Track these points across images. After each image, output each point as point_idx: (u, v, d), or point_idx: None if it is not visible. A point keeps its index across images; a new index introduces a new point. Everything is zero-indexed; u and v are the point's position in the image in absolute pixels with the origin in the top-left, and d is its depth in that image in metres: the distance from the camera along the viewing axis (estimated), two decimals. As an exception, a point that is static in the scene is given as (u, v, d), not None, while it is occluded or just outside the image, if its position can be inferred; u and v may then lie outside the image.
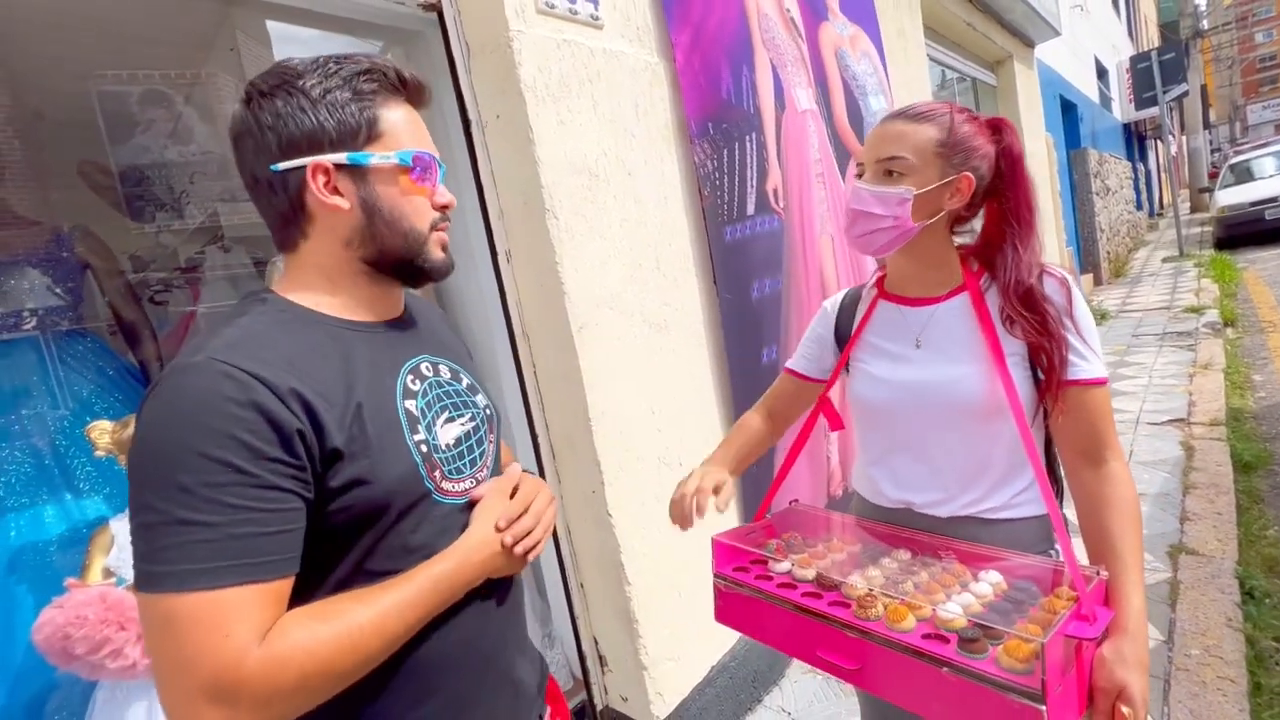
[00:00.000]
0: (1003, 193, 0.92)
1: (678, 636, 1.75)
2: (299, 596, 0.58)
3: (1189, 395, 4.03)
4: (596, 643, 1.74)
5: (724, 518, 1.97)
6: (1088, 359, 0.86)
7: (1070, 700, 0.69)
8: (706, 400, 1.96)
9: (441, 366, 0.75)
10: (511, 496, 0.74)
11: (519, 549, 0.71)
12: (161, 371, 0.57)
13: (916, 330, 0.97)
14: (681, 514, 1.00)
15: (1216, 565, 2.28)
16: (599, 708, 1.75)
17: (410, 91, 0.71)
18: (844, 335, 1.07)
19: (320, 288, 0.68)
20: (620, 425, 1.65)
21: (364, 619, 0.57)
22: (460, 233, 1.67)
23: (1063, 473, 0.94)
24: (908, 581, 0.84)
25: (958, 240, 0.99)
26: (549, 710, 0.83)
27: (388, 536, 0.63)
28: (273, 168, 0.64)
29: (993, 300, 0.92)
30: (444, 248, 0.73)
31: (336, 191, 0.66)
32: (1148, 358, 5.05)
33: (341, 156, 0.65)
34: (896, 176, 0.89)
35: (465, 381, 0.78)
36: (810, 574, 0.89)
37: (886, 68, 3.13)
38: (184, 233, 3.18)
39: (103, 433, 1.47)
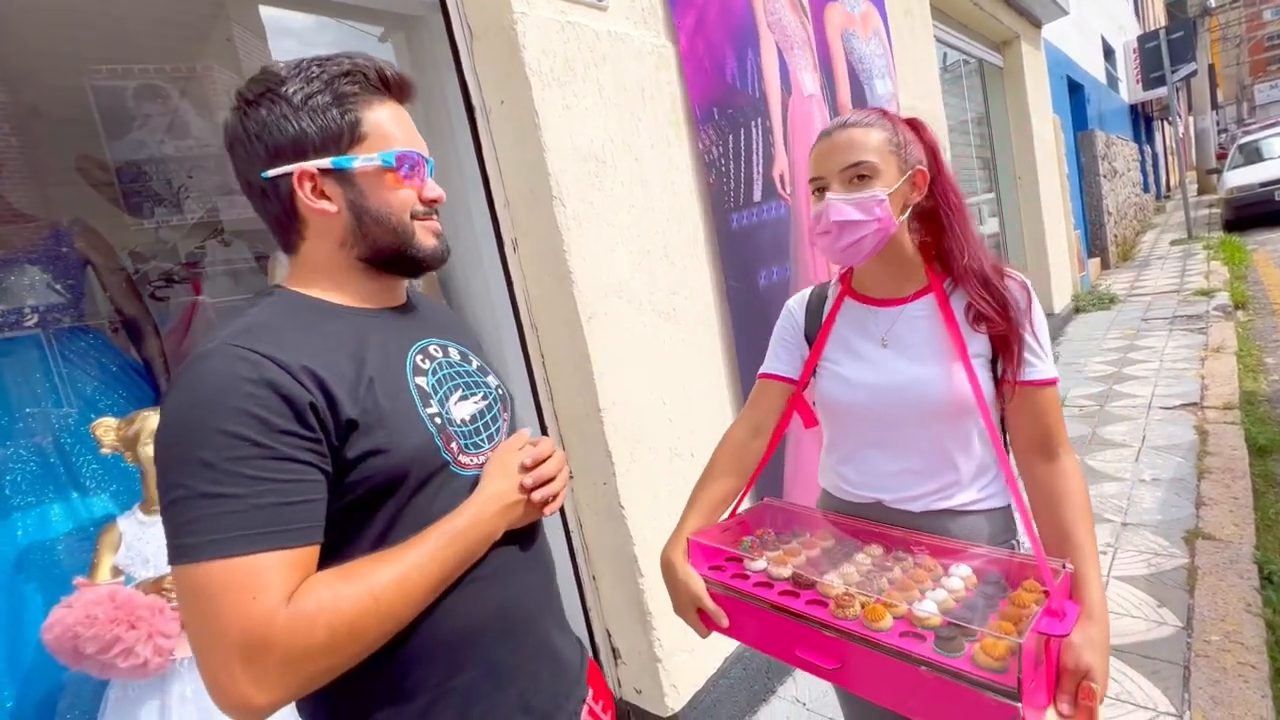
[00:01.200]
0: (932, 183, 0.96)
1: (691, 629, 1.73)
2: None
3: (1201, 379, 3.99)
4: (610, 635, 1.72)
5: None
6: (1041, 360, 0.92)
7: (1040, 690, 0.72)
8: (717, 390, 1.93)
9: (450, 349, 0.78)
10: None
11: (538, 495, 0.73)
12: (172, 365, 0.58)
13: (883, 330, 0.98)
14: (699, 622, 0.97)
15: (1234, 550, 2.25)
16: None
17: (393, 89, 0.71)
18: (812, 335, 1.06)
19: (324, 284, 0.71)
20: (631, 416, 1.62)
21: (386, 577, 0.60)
22: (466, 221, 1.64)
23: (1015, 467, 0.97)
24: (883, 578, 0.85)
25: None
26: (591, 692, 0.83)
27: (408, 508, 0.65)
28: (263, 175, 0.67)
29: (957, 302, 0.94)
30: (436, 235, 0.74)
31: (324, 195, 0.68)
32: (1158, 341, 5.00)
33: (326, 162, 0.67)
34: (865, 181, 0.91)
35: (475, 363, 0.81)
36: (786, 572, 0.89)
37: (893, 48, 3.07)
38: (183, 227, 3.16)
39: (108, 430, 1.46)
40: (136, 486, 1.53)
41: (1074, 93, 8.60)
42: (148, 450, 1.44)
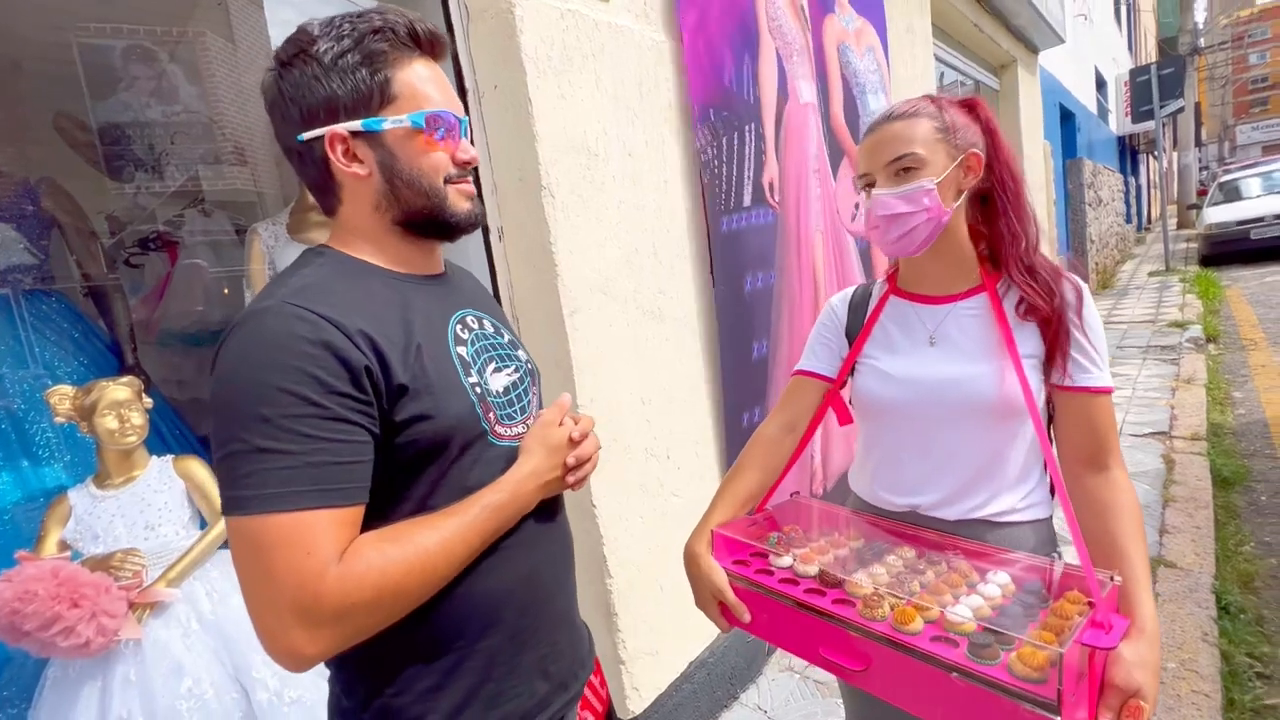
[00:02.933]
0: (989, 165, 0.93)
1: (657, 631, 1.72)
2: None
3: (1171, 409, 4.07)
4: (574, 635, 1.70)
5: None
6: (1098, 367, 0.88)
7: (1080, 705, 0.68)
8: (698, 393, 1.92)
9: (485, 321, 0.79)
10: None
11: (575, 475, 0.76)
12: (139, 334, 0.57)
13: (931, 327, 0.96)
14: (720, 616, 0.96)
15: (1194, 579, 2.29)
16: (573, 700, 1.72)
17: (424, 46, 0.70)
18: (854, 332, 1.04)
19: (365, 247, 0.71)
20: (609, 414, 1.60)
21: (431, 542, 0.62)
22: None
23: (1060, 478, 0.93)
24: (914, 581, 0.82)
25: None
26: (596, 679, 0.86)
27: (449, 474, 0.67)
28: (298, 138, 0.67)
29: (1010, 303, 0.91)
30: (469, 198, 0.73)
31: (356, 158, 0.67)
32: (1132, 370, 5.10)
33: (356, 124, 0.66)
34: (911, 173, 0.88)
35: (507, 337, 0.81)
36: (813, 570, 0.86)
37: (889, 64, 3.08)
38: (163, 194, 3.08)
39: (63, 398, 1.40)
40: (92, 458, 1.47)
41: (1065, 120, 8.74)
42: (106, 422, 1.39)
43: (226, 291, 2.87)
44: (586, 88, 1.57)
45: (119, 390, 1.42)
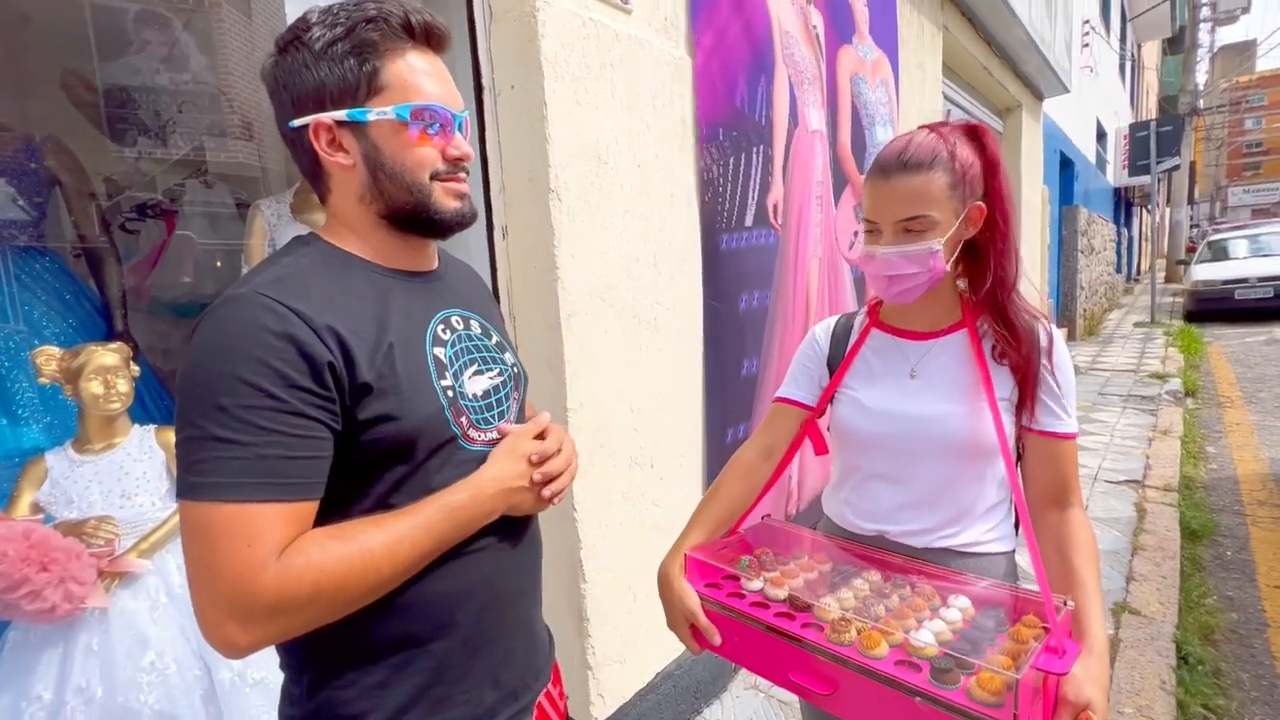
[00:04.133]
0: (985, 198, 0.92)
1: (627, 639, 1.72)
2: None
3: (1146, 458, 4.14)
4: (543, 637, 1.70)
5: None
6: (1066, 414, 0.93)
7: None
8: (686, 405, 1.93)
9: (472, 322, 0.77)
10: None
11: (547, 491, 0.74)
12: (131, 300, 0.58)
13: (912, 362, 0.98)
14: (691, 639, 0.96)
15: (1156, 627, 2.33)
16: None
17: (419, 37, 0.68)
18: (835, 363, 1.06)
19: (352, 239, 0.70)
20: (597, 419, 1.61)
21: (377, 542, 0.60)
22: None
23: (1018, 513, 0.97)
24: (880, 605, 0.84)
25: None
26: (555, 689, 0.86)
27: (413, 475, 0.66)
28: (290, 125, 0.66)
29: (988, 342, 0.94)
30: (458, 196, 0.71)
31: (340, 148, 0.67)
32: (1111, 417, 5.18)
33: (341, 114, 0.65)
34: (918, 234, 0.88)
35: (494, 339, 0.80)
36: (782, 594, 0.88)
37: (899, 98, 3.14)
38: (165, 162, 3.06)
39: (49, 359, 1.39)
40: (73, 422, 1.46)
41: (1064, 167, 8.91)
42: (91, 387, 1.38)
43: (219, 264, 2.85)
44: (602, 95, 1.59)
45: (107, 356, 1.41)
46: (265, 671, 1.39)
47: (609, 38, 1.60)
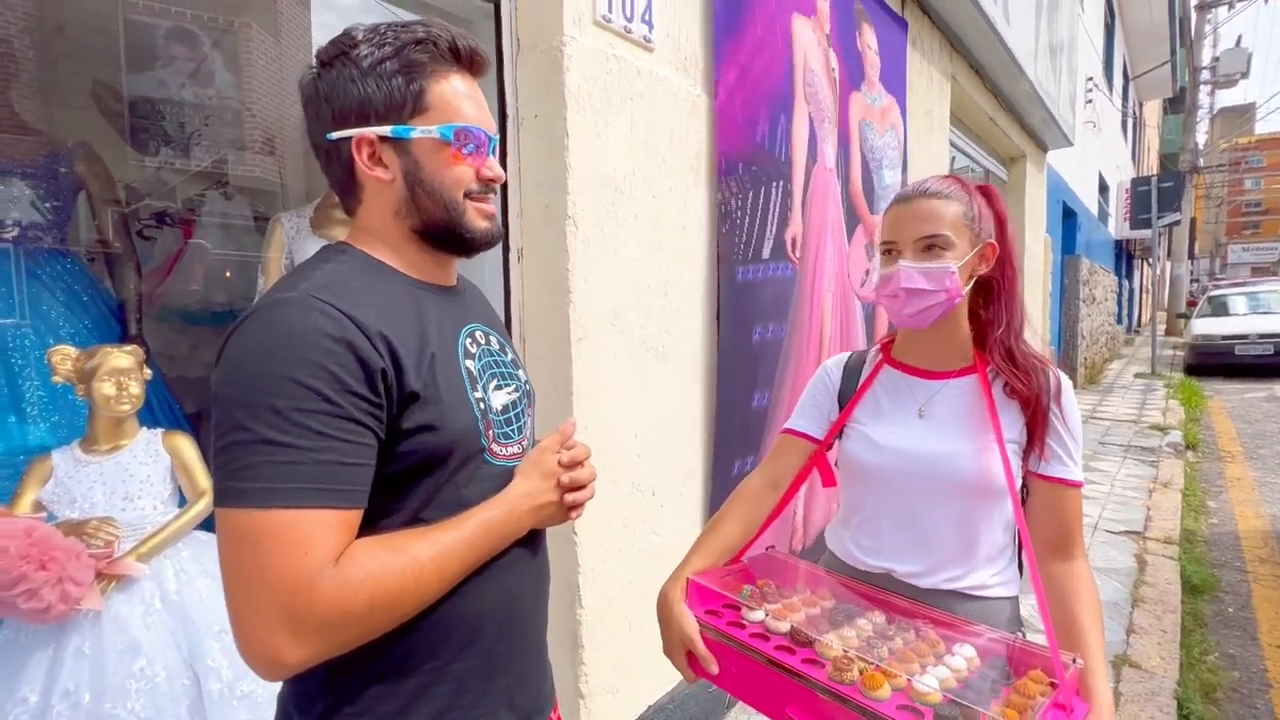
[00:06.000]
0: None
1: (621, 669, 1.69)
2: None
3: (1147, 510, 4.11)
4: (536, 663, 1.68)
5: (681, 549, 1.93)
6: (1073, 460, 0.93)
7: None
8: (690, 434, 1.94)
9: (491, 337, 0.79)
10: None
11: (570, 498, 0.75)
12: (146, 306, 0.59)
13: (921, 401, 0.99)
14: (687, 666, 0.95)
15: (1157, 683, 2.29)
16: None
17: (464, 62, 0.70)
18: (846, 397, 1.06)
19: (383, 249, 0.71)
20: (601, 444, 1.61)
21: (426, 555, 0.60)
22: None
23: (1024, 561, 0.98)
24: (883, 646, 0.83)
25: None
26: (554, 716, 0.84)
27: (444, 488, 0.66)
28: (328, 137, 0.67)
29: (998, 386, 0.95)
30: (488, 217, 0.73)
31: (380, 163, 0.68)
32: (1112, 466, 5.16)
33: (386, 129, 0.66)
34: (937, 252, 0.92)
35: (510, 356, 0.81)
36: (785, 627, 0.87)
37: (907, 143, 3.22)
38: (186, 173, 3.12)
39: (65, 358, 1.40)
40: (81, 422, 1.47)
41: (1067, 218, 9.05)
42: (102, 388, 1.39)
43: (229, 275, 2.88)
44: (621, 128, 1.63)
45: (121, 358, 1.42)
46: (254, 685, 1.36)
47: (631, 73, 1.66)
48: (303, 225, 1.94)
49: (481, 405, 0.70)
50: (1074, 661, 0.78)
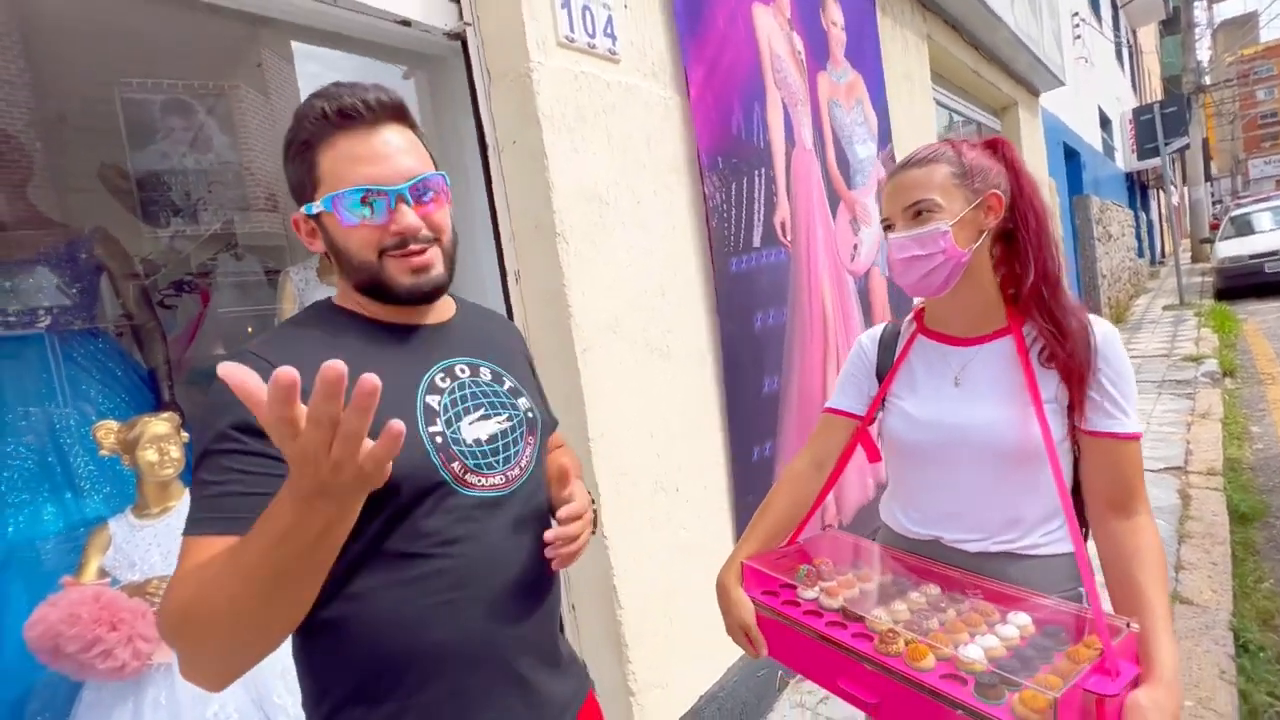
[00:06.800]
0: (1013, 203, 0.95)
1: (667, 663, 1.74)
2: None
3: (1186, 444, 4.04)
4: (586, 666, 1.73)
5: (720, 549, 1.96)
6: (1124, 413, 0.88)
7: None
8: (705, 427, 1.97)
9: (482, 369, 0.80)
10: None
11: (551, 552, 0.77)
12: (176, 373, 0.69)
13: (956, 369, 0.98)
14: (749, 645, 0.99)
15: (1211, 616, 2.27)
16: (584, 733, 1.73)
17: (339, 122, 0.69)
18: (883, 371, 1.07)
19: (350, 300, 0.77)
20: (619, 448, 1.66)
21: (218, 567, 0.57)
22: (470, 251, 1.70)
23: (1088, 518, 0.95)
24: (933, 618, 0.84)
25: None
26: None
27: (403, 521, 0.68)
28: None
29: (1035, 346, 0.93)
30: (413, 270, 0.72)
31: (315, 235, 0.74)
32: (1146, 404, 5.06)
33: (302, 210, 0.73)
34: (926, 216, 0.92)
35: (508, 384, 0.82)
36: (836, 604, 0.90)
37: (888, 111, 3.20)
38: (197, 238, 3.25)
39: (108, 432, 1.50)
40: (131, 490, 1.56)
41: (1070, 159, 8.87)
42: (147, 455, 1.48)
43: (250, 330, 2.99)
44: (598, 142, 1.68)
45: (159, 425, 1.51)
46: None
47: (600, 87, 1.70)
48: (310, 276, 2.03)
49: (439, 439, 0.71)
50: (1128, 626, 0.77)
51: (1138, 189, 16.09)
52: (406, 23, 1.51)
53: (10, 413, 1.66)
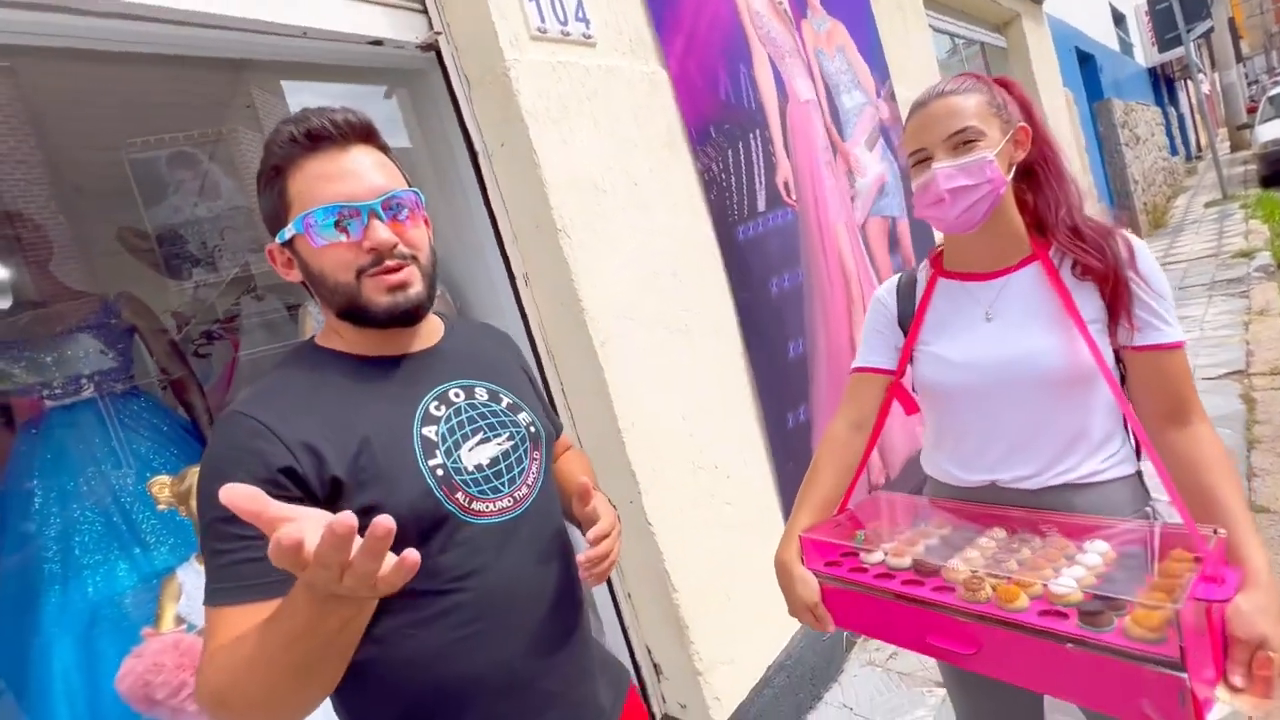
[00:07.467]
0: (1033, 139, 0.95)
1: (730, 639, 1.75)
2: None
3: (1246, 344, 3.84)
4: (650, 652, 1.75)
5: (768, 521, 1.94)
6: (1165, 322, 0.86)
7: (1205, 663, 0.67)
8: (736, 401, 1.96)
9: (478, 390, 0.78)
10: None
11: (584, 573, 0.77)
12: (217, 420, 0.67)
13: (985, 304, 0.95)
14: (816, 622, 0.97)
15: (1291, 522, 2.17)
16: (658, 716, 1.76)
17: (305, 144, 0.68)
18: (906, 320, 1.03)
19: (335, 338, 0.75)
20: (651, 434, 1.66)
21: (241, 656, 0.58)
22: (478, 259, 1.71)
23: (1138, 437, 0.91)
24: (1010, 560, 0.81)
25: None
26: None
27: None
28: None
29: (1065, 268, 0.90)
30: (390, 289, 0.70)
31: (290, 265, 0.73)
32: (1197, 309, 4.84)
33: (275, 238, 0.72)
34: (971, 146, 0.88)
35: (505, 401, 0.80)
36: (906, 562, 0.87)
37: (882, 48, 3.07)
38: (219, 285, 3.34)
39: (162, 487, 1.56)
40: (192, 538, 1.62)
41: (1084, 63, 8.41)
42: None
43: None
44: (585, 130, 1.65)
45: (208, 473, 1.56)
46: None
47: (580, 74, 1.67)
48: (328, 308, 2.06)
49: (440, 471, 0.70)
50: (1215, 533, 0.74)
51: (1163, 83, 15.20)
52: (378, 42, 1.50)
53: (74, 479, 1.74)
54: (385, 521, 0.48)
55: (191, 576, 1.55)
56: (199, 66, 2.53)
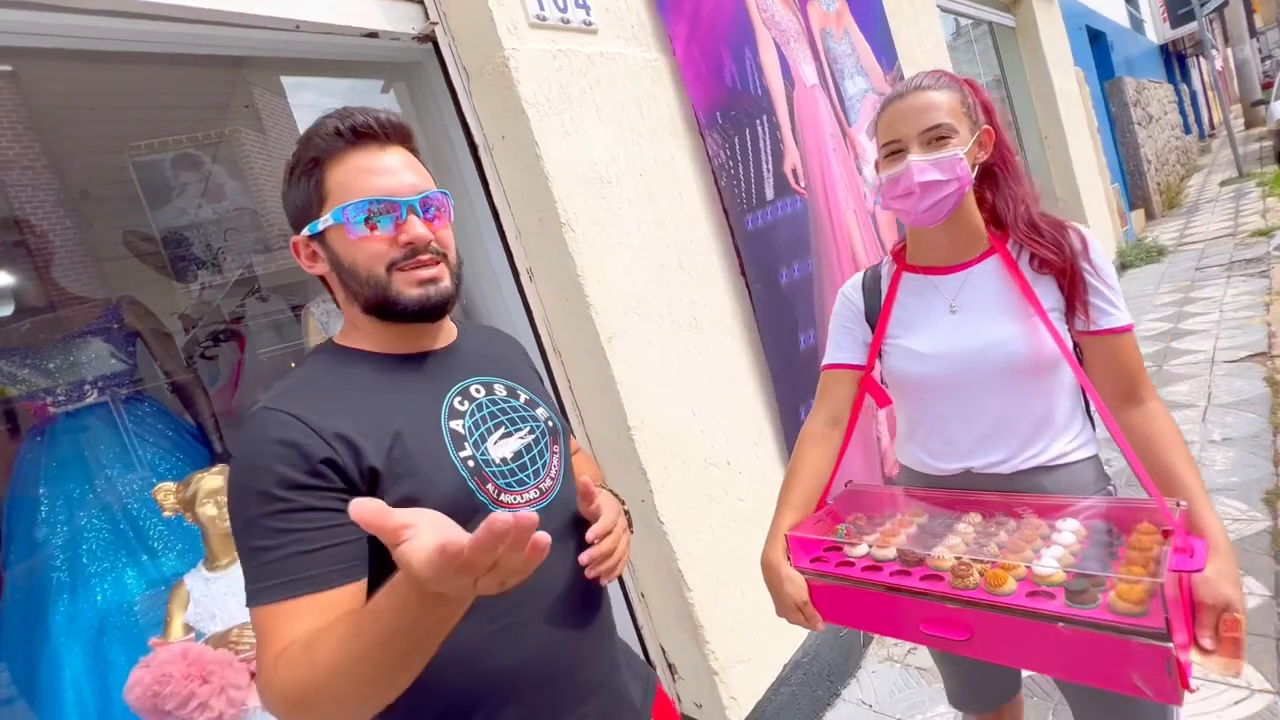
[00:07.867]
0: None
1: (745, 638, 1.71)
2: None
3: (1267, 325, 3.75)
4: (664, 651, 1.72)
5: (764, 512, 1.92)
6: (1116, 307, 0.92)
7: (1180, 630, 0.70)
8: (748, 395, 1.91)
9: (496, 386, 0.80)
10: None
11: (591, 572, 0.76)
12: (224, 423, 0.66)
13: (949, 296, 0.98)
14: (805, 621, 0.98)
15: (1321, 508, 2.11)
16: (674, 716, 1.74)
17: (351, 139, 0.70)
18: (873, 315, 1.06)
19: (357, 335, 0.75)
20: (662, 431, 1.62)
21: (322, 654, 0.56)
22: (480, 255, 1.67)
23: (1096, 416, 0.98)
24: (990, 544, 0.84)
25: None
26: None
27: None
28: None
29: (1023, 260, 0.95)
30: (420, 283, 0.71)
31: (317, 259, 0.73)
32: (1216, 291, 4.73)
33: (305, 230, 0.72)
34: (944, 142, 0.91)
35: (523, 397, 0.82)
36: (890, 553, 0.89)
37: (889, 31, 3.00)
38: (224, 287, 3.33)
39: (167, 494, 1.54)
40: (199, 545, 1.60)
41: (1095, 41, 8.24)
42: (206, 510, 1.51)
43: (293, 365, 3.06)
44: (588, 120, 1.61)
45: (213, 479, 1.54)
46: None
47: (581, 63, 1.62)
48: (331, 309, 2.03)
49: (471, 463, 0.70)
50: (1178, 505, 0.79)
51: (1174, 60, 14.91)
52: (374, 34, 1.46)
53: (80, 486, 1.73)
54: (530, 513, 0.46)
55: (199, 583, 1.53)
56: (197, 66, 2.50)
